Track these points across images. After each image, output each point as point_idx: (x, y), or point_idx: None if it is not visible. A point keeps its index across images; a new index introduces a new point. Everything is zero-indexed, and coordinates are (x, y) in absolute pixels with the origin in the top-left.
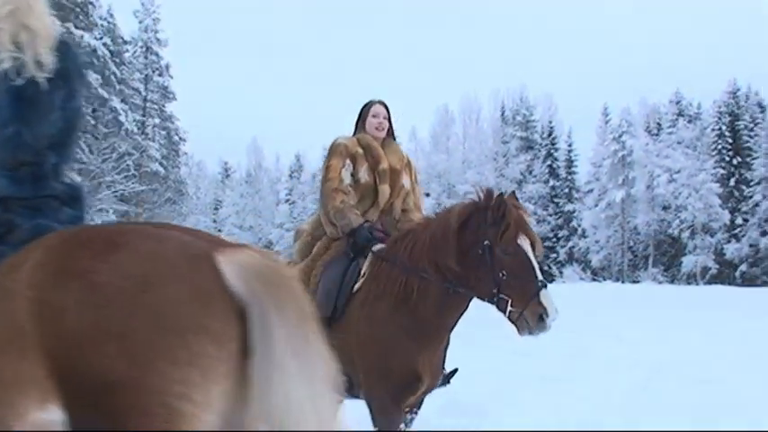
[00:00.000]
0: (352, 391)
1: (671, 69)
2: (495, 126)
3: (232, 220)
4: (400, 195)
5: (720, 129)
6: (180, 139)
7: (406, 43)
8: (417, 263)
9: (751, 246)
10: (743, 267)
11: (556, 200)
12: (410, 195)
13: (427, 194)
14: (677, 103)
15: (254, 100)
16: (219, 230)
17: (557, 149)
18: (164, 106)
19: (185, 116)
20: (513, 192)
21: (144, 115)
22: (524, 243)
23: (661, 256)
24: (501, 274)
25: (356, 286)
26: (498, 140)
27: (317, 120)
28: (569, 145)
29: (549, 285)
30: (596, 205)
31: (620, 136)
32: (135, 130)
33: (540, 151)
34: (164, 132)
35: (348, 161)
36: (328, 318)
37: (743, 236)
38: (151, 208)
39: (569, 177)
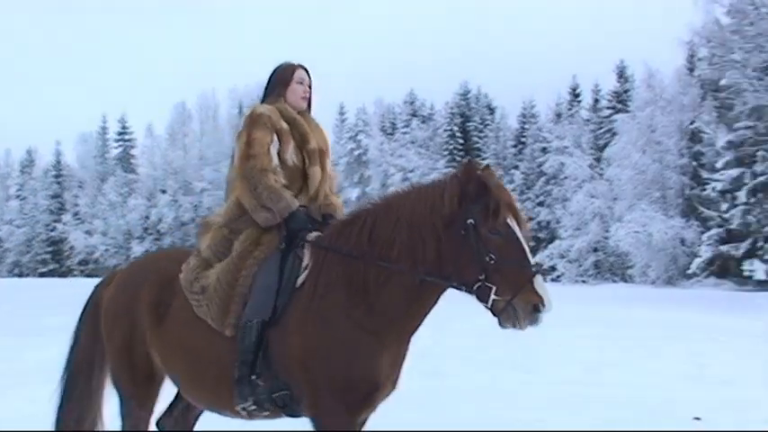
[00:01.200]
0: (292, 407)
1: (405, 70)
2: (233, 123)
3: None
4: (327, 180)
5: (452, 129)
6: None
7: (141, 41)
8: (377, 249)
9: None
10: None
11: None
12: (330, 179)
13: (163, 191)
14: (411, 103)
15: None
16: None
17: None
18: None
19: None
20: (489, 165)
21: None
22: (513, 223)
23: None
24: (488, 258)
25: (299, 280)
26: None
27: (49, 115)
28: None
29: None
30: None
31: (356, 135)
32: None
33: None
34: None
35: (275, 137)
36: (266, 321)
37: None
38: None
39: None
